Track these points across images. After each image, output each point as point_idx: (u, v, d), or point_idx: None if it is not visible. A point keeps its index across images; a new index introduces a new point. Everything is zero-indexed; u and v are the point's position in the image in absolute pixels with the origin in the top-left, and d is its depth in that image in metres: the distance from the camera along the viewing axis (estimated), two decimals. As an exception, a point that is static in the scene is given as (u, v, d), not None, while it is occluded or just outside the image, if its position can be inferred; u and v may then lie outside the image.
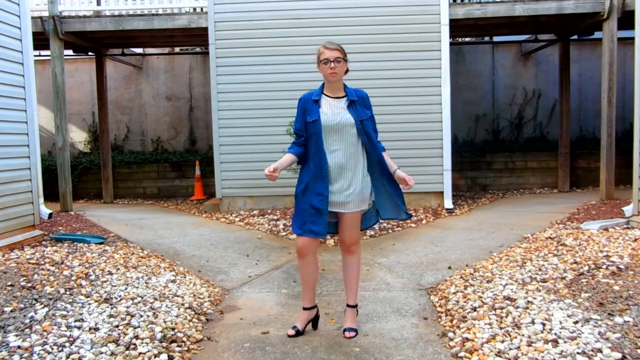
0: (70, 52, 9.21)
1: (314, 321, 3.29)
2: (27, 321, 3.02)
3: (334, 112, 3.10)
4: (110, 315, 3.18)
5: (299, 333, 3.17)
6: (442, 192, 7.32)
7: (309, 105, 3.13)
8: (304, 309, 3.23)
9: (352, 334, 3.16)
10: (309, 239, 3.05)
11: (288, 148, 3.18)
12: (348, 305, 3.26)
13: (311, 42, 7.37)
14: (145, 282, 3.98)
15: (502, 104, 10.86)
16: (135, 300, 3.50)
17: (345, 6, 7.25)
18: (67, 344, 2.77)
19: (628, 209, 5.66)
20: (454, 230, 6.08)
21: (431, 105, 7.27)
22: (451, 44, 7.87)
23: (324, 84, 3.22)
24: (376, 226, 6.25)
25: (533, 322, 2.93)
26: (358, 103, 3.17)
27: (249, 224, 6.64)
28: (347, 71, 3.21)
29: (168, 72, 11.42)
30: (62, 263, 4.26)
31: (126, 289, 3.75)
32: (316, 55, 3.17)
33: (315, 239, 3.07)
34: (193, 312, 3.51)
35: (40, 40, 7.86)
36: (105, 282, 3.88)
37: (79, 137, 11.47)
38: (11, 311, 3.16)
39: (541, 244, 4.79)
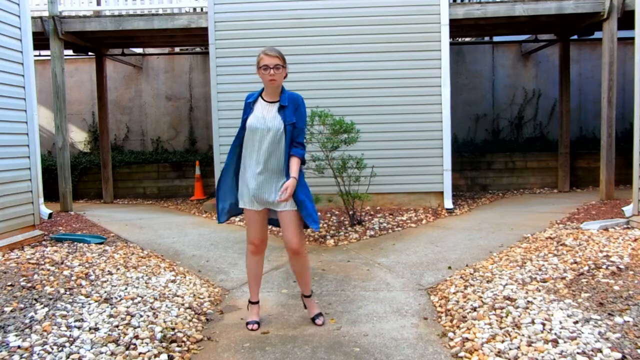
0: (70, 52, 9.21)
1: None
2: (27, 321, 3.02)
3: (264, 115, 3.19)
4: (110, 315, 3.18)
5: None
6: (442, 192, 7.32)
7: (245, 107, 3.29)
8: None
9: (322, 319, 3.34)
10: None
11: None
12: (304, 296, 3.42)
13: (311, 42, 7.43)
14: (145, 282, 3.98)
15: (502, 104, 10.86)
16: (135, 300, 3.50)
17: (345, 6, 7.26)
18: (67, 344, 2.77)
19: (628, 209, 5.66)
20: (454, 230, 6.08)
21: (431, 105, 7.27)
22: (451, 44, 7.87)
23: (263, 87, 3.28)
24: (376, 226, 6.25)
25: (533, 322, 2.93)
26: (288, 108, 3.21)
27: (249, 224, 6.63)
28: (285, 76, 3.26)
29: (168, 72, 11.42)
30: (62, 263, 4.26)
31: (126, 289, 3.75)
32: (256, 61, 3.20)
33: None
34: (193, 312, 3.51)
35: (40, 40, 7.86)
36: (105, 282, 3.89)
37: (79, 137, 11.47)
38: (11, 311, 3.16)
39: (541, 244, 4.79)
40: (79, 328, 2.97)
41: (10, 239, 4.92)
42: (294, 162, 3.18)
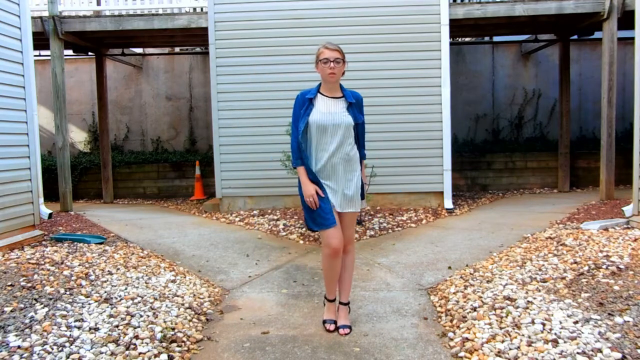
0: (70, 52, 9.21)
1: None
2: (27, 321, 3.02)
3: (330, 111, 3.12)
4: (110, 315, 3.18)
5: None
6: (442, 192, 7.32)
7: (303, 103, 3.18)
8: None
9: (347, 330, 3.21)
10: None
11: (295, 158, 3.17)
12: (341, 303, 3.32)
13: (311, 42, 7.37)
14: (145, 282, 3.98)
15: (502, 104, 10.86)
16: (135, 300, 3.50)
17: (345, 6, 7.26)
18: (67, 344, 2.77)
19: (628, 209, 5.66)
20: (454, 230, 6.08)
21: (431, 105, 7.27)
22: (451, 44, 7.87)
23: (320, 83, 3.24)
24: (376, 226, 6.25)
25: (533, 322, 2.93)
26: (355, 105, 3.19)
27: (249, 224, 6.64)
28: (343, 73, 3.22)
29: (168, 72, 11.42)
30: (62, 263, 4.26)
31: (126, 289, 3.75)
32: (315, 55, 3.18)
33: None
34: (193, 312, 3.51)
35: (40, 40, 7.86)
36: (105, 282, 3.88)
37: (79, 137, 11.47)
38: (11, 311, 3.16)
39: (541, 244, 4.79)
40: (79, 328, 2.97)
41: (10, 239, 4.92)
42: (364, 166, 3.30)
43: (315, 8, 7.29)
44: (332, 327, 3.25)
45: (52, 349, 2.72)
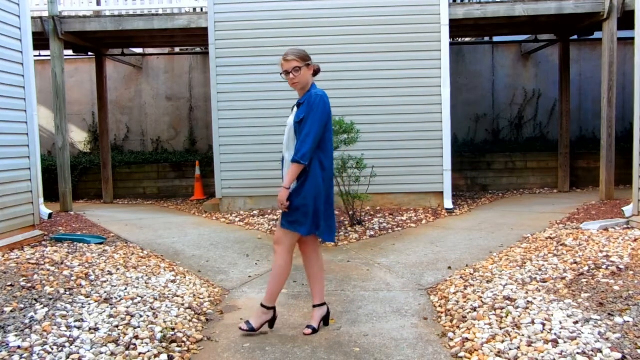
0: (70, 52, 9.21)
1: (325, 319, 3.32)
2: (27, 321, 3.02)
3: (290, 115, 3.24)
4: (110, 316, 3.18)
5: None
6: (442, 192, 7.32)
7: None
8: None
9: (309, 330, 3.19)
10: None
11: None
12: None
13: (311, 42, 7.41)
14: (145, 282, 3.98)
15: (502, 104, 10.86)
16: (135, 301, 3.50)
17: (345, 6, 7.26)
18: (67, 344, 2.77)
19: (628, 209, 5.66)
20: (454, 230, 6.08)
21: (431, 105, 7.27)
22: (451, 44, 7.87)
23: None
24: (376, 226, 6.25)
25: (533, 322, 2.93)
26: (303, 105, 3.13)
27: (249, 224, 6.64)
28: (318, 72, 3.25)
29: (168, 72, 11.42)
30: (62, 263, 4.26)
31: (126, 289, 3.75)
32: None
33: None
34: (193, 312, 3.51)
35: (40, 40, 7.86)
36: (105, 282, 3.89)
37: (79, 137, 11.47)
38: (11, 311, 3.16)
39: (541, 244, 4.79)
40: (79, 328, 2.97)
41: (10, 239, 4.92)
42: (289, 170, 3.08)
43: (315, 8, 7.29)
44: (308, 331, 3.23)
45: (52, 349, 2.72)
